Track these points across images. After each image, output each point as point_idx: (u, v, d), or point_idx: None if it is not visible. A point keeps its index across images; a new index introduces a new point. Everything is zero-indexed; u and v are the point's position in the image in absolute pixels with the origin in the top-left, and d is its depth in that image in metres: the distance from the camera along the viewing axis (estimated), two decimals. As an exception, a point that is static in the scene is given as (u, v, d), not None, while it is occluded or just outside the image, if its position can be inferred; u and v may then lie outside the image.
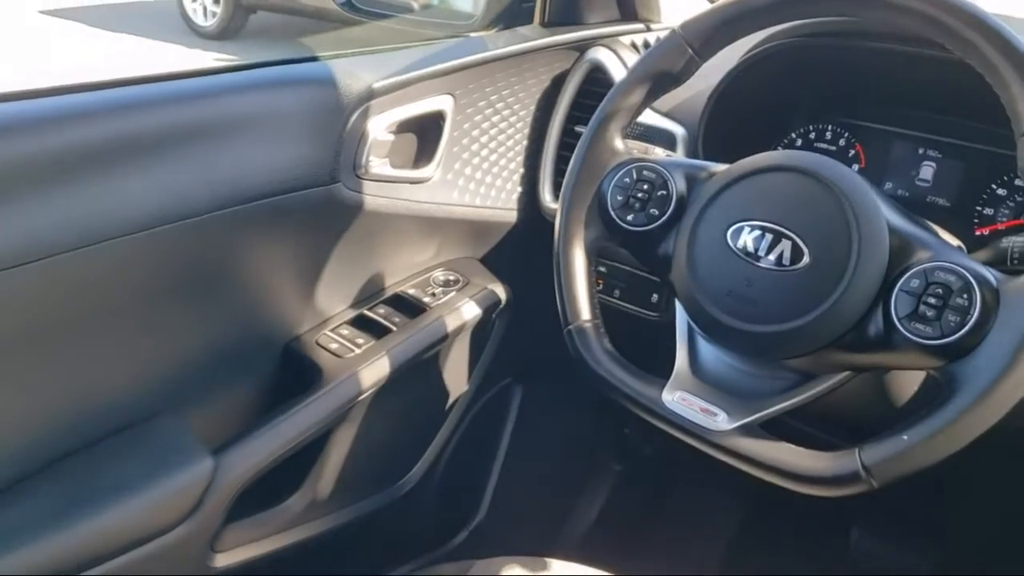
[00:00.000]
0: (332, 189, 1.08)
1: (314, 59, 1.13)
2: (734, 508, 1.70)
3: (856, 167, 1.14)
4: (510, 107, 1.27)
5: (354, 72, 1.09)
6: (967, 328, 0.70)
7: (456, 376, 1.31)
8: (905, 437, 0.71)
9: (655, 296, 1.23)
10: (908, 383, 0.93)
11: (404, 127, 1.14)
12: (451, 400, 1.33)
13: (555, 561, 0.99)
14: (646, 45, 1.29)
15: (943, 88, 0.97)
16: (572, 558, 1.00)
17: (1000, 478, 1.16)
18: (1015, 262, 0.80)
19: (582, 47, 1.30)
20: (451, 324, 1.21)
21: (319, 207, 1.08)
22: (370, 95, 1.08)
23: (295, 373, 1.14)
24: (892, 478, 0.72)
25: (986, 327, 0.70)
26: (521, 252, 1.32)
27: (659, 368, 0.88)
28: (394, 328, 1.18)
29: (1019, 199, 1.02)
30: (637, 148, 1.00)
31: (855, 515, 1.57)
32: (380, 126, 1.10)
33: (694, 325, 0.87)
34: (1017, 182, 1.02)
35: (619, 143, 0.93)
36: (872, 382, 0.93)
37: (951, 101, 1.04)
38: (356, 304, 1.22)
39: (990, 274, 0.72)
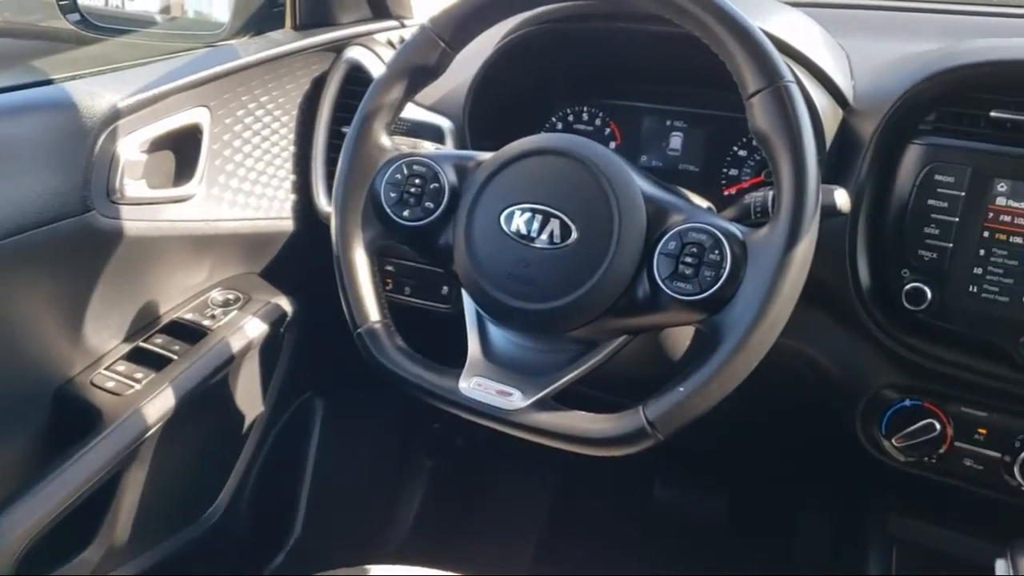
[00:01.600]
0: (86, 218, 1.01)
1: (49, 82, 1.05)
2: (548, 484, 1.76)
3: (613, 144, 1.21)
4: (271, 114, 1.23)
5: (96, 92, 1.03)
6: (722, 281, 0.76)
7: (249, 397, 1.27)
8: (681, 389, 0.76)
9: (445, 288, 1.24)
10: (682, 339, 0.99)
11: (159, 144, 1.09)
12: (248, 422, 1.29)
13: (376, 567, 0.98)
14: (402, 41, 1.30)
15: (682, 62, 1.03)
16: (394, 562, 1.00)
17: (770, 415, 1.26)
18: (758, 215, 0.87)
19: (338, 48, 1.28)
20: (236, 345, 1.17)
21: (75, 239, 1.01)
22: (116, 115, 1.02)
23: (72, 419, 1.07)
24: (675, 429, 0.77)
25: (738, 278, 0.76)
26: (303, 261, 1.30)
27: (461, 359, 0.89)
28: (174, 357, 1.12)
29: (758, 158, 1.11)
30: (406, 144, 1.00)
31: (656, 470, 1.67)
32: (131, 146, 1.04)
33: (481, 311, 0.89)
34: (754, 142, 1.11)
35: (385, 140, 0.93)
36: (651, 342, 0.99)
37: (691, 73, 1.11)
38: (130, 337, 1.15)
39: (736, 229, 0.78)
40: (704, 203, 0.90)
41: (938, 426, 0.96)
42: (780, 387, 1.03)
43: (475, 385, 0.85)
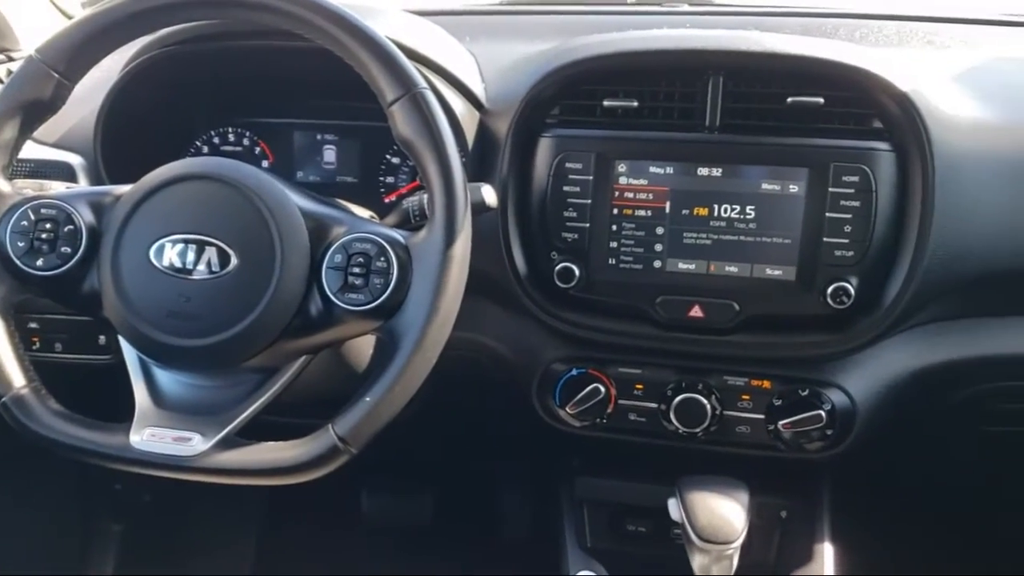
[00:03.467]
0: None
1: None
2: (252, 517, 1.70)
3: (266, 163, 1.18)
4: None
5: None
6: (391, 287, 0.78)
7: None
8: (368, 399, 0.77)
9: (103, 338, 1.14)
10: (365, 349, 1.00)
11: None
12: None
13: None
14: (10, 75, 1.17)
15: (324, 76, 1.04)
16: None
17: (458, 407, 1.31)
18: (416, 218, 0.90)
19: None
20: None
21: None
22: None
23: None
24: (367, 439, 0.77)
25: (407, 282, 0.78)
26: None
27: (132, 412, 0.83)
28: None
29: (411, 164, 1.14)
30: (31, 187, 0.90)
31: (361, 482, 1.67)
32: None
33: (143, 356, 0.84)
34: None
35: (3, 185, 0.85)
36: (335, 357, 0.98)
37: (334, 87, 1.12)
38: None
39: (399, 235, 0.80)
40: (366, 213, 0.91)
41: (603, 389, 1.05)
42: (463, 379, 1.07)
43: (148, 436, 0.80)
